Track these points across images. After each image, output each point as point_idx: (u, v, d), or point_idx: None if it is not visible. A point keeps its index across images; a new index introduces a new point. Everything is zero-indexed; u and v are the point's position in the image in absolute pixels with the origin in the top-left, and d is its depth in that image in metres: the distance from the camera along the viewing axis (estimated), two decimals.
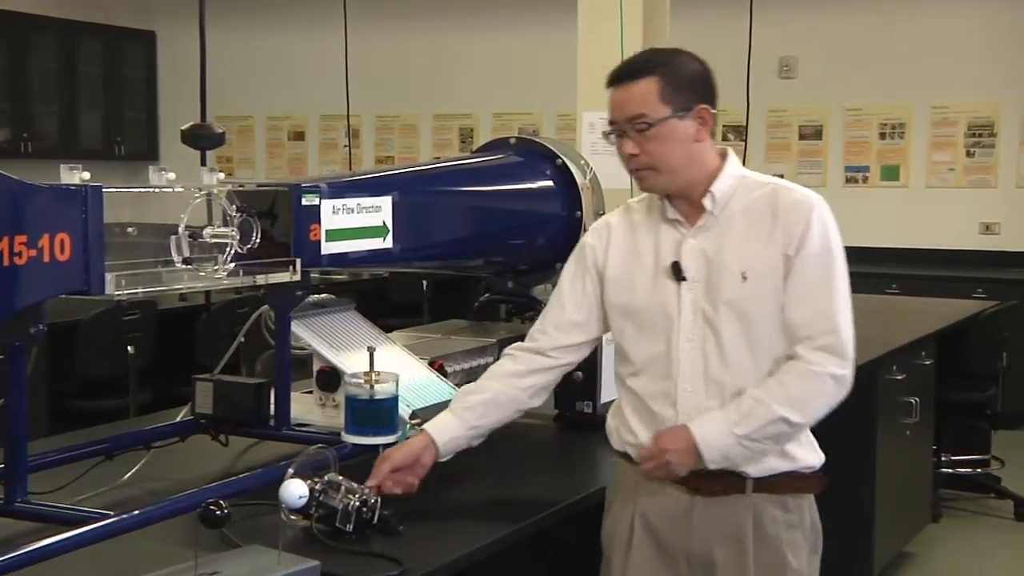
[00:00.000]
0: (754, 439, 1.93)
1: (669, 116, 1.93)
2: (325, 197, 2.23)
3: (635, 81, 1.94)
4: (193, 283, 1.99)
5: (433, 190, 2.70)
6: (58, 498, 1.96)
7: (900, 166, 7.57)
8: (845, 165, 7.71)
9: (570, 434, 2.70)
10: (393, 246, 2.40)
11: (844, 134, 7.70)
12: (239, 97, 8.91)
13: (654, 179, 1.98)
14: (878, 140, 7.62)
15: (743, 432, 1.92)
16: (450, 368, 2.59)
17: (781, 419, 1.92)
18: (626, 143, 1.96)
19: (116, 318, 5.18)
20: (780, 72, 7.76)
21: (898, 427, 4.15)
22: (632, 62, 1.99)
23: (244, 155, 9.51)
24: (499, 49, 8.43)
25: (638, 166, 1.98)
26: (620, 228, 2.09)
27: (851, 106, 7.65)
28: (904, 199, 7.54)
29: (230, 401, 2.32)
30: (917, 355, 4.32)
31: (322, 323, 2.39)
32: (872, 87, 7.54)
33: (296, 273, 2.17)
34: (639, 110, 1.93)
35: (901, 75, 7.46)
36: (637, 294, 2.03)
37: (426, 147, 8.98)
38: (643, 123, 1.93)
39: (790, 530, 2.02)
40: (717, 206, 1.99)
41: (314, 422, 2.34)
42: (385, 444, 2.06)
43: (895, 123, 7.56)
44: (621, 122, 1.96)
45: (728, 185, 2.01)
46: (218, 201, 2.03)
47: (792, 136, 7.84)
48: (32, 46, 8.65)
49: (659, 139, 1.94)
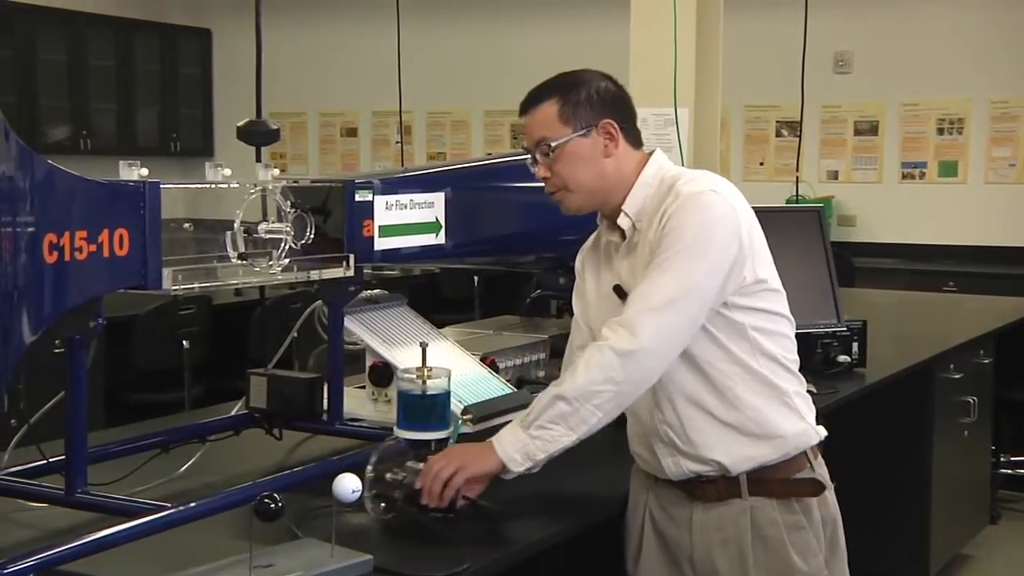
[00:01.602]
0: (541, 426, 1.89)
1: (571, 136, 1.96)
2: (378, 193, 2.25)
3: (536, 107, 1.99)
4: (248, 278, 2.01)
5: (485, 186, 2.70)
6: (116, 489, 1.98)
7: (958, 162, 7.45)
8: (902, 161, 7.60)
9: (614, 429, 2.68)
10: (445, 242, 2.41)
11: (900, 129, 7.60)
12: (293, 93, 8.98)
13: (569, 199, 2.01)
14: (935, 135, 7.50)
15: (528, 422, 1.91)
16: (501, 364, 2.60)
17: (554, 396, 1.89)
18: (539, 168, 2.01)
19: (172, 312, 5.25)
20: (835, 67, 7.66)
21: (956, 427, 4.08)
22: (534, 90, 2.02)
23: (298, 151, 9.59)
24: (551, 45, 8.41)
25: (552, 189, 2.02)
26: (589, 249, 2.13)
27: (908, 101, 7.54)
28: (962, 195, 7.42)
29: (283, 395, 2.34)
30: (975, 354, 4.25)
31: (374, 318, 2.40)
32: (929, 81, 7.43)
33: (349, 268, 2.18)
34: (541, 134, 1.98)
35: (959, 69, 7.34)
36: (593, 316, 2.06)
37: (478, 143, 8.99)
38: (546, 146, 1.98)
39: (797, 532, 1.98)
40: (634, 222, 1.98)
41: (367, 417, 2.35)
42: (437, 439, 2.07)
43: (953, 118, 7.43)
44: (531, 148, 2.01)
45: (640, 197, 1.98)
46: (272, 197, 2.05)
47: (847, 132, 7.74)
48: (90, 44, 8.78)
49: (564, 159, 1.97)
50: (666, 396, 1.97)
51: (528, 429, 1.91)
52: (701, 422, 1.97)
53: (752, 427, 1.96)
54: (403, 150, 8.43)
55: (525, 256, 2.93)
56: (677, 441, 1.99)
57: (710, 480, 1.98)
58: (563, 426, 1.89)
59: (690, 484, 2.00)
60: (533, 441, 1.90)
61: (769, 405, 1.97)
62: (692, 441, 1.97)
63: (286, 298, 5.00)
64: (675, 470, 2.01)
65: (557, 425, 1.89)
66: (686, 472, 2.00)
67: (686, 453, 1.99)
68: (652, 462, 2.05)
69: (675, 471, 2.01)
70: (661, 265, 1.88)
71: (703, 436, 1.97)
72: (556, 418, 1.89)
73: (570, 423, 1.89)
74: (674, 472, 2.01)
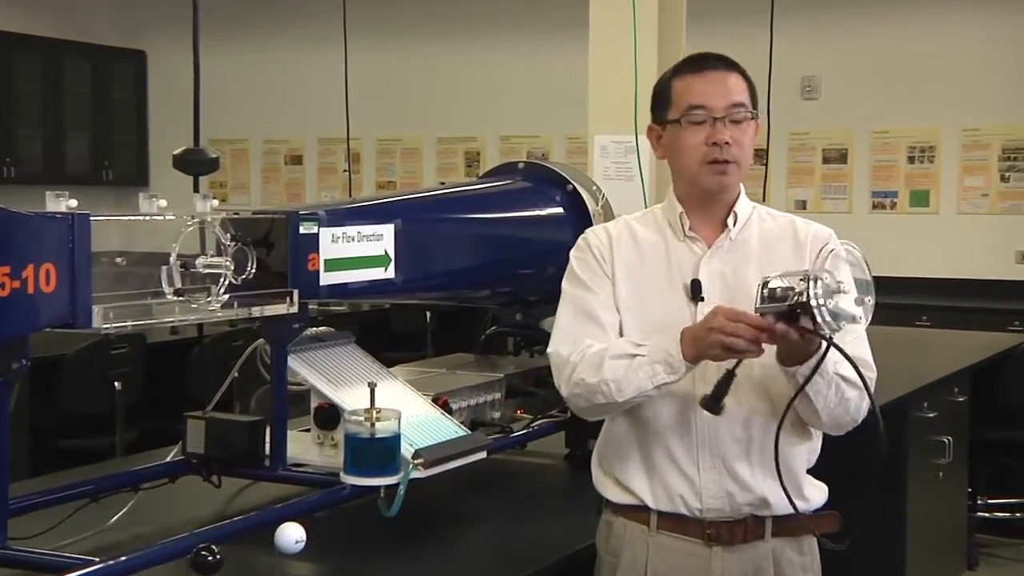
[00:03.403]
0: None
1: (756, 115, 2.08)
2: (324, 225, 2.24)
3: (736, 72, 2.07)
4: (185, 316, 1.99)
5: (437, 217, 2.71)
6: (41, 543, 1.95)
7: (930, 191, 7.58)
8: (872, 190, 7.72)
9: (579, 474, 2.69)
10: (395, 276, 2.40)
11: (871, 158, 7.72)
12: (234, 120, 8.96)
13: (734, 175, 2.05)
14: (906, 164, 7.63)
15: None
16: (455, 405, 2.59)
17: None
18: (725, 131, 2.02)
19: (103, 352, 5.19)
20: (803, 93, 7.79)
21: (930, 468, 4.13)
22: (725, 56, 2.10)
23: (239, 180, 9.56)
24: (506, 69, 8.48)
25: (730, 157, 2.03)
26: (623, 238, 2.09)
27: (878, 128, 7.66)
28: (934, 226, 7.54)
29: (223, 440, 2.32)
30: (949, 391, 4.31)
31: (320, 357, 2.39)
32: (900, 108, 7.56)
33: (293, 305, 2.17)
34: (742, 98, 2.05)
35: (930, 96, 7.48)
36: (647, 309, 2.02)
37: (430, 172, 9.01)
38: (748, 111, 2.05)
39: (804, 573, 2.04)
40: (736, 228, 2.04)
41: (312, 462, 2.34)
42: (386, 485, 2.06)
43: (924, 146, 7.57)
44: (722, 107, 2.03)
45: (747, 210, 2.07)
46: (211, 229, 2.04)
47: (815, 160, 7.86)
48: (16, 66, 8.72)
49: (747, 133, 2.05)
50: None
51: None
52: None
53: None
54: (351, 179, 8.43)
55: (480, 291, 2.93)
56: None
57: (735, 522, 1.99)
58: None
59: (710, 528, 1.99)
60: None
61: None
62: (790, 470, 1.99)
63: (226, 336, 4.96)
64: (720, 503, 1.99)
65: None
66: (741, 508, 1.99)
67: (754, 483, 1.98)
68: (684, 491, 2.00)
69: (722, 504, 1.99)
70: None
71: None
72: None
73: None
74: (719, 507, 1.99)
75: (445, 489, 2.39)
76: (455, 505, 2.08)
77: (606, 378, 1.93)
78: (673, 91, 2.06)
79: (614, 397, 1.93)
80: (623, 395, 1.92)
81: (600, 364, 1.95)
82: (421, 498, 2.17)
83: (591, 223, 2.87)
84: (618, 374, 1.93)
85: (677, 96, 2.05)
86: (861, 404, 1.96)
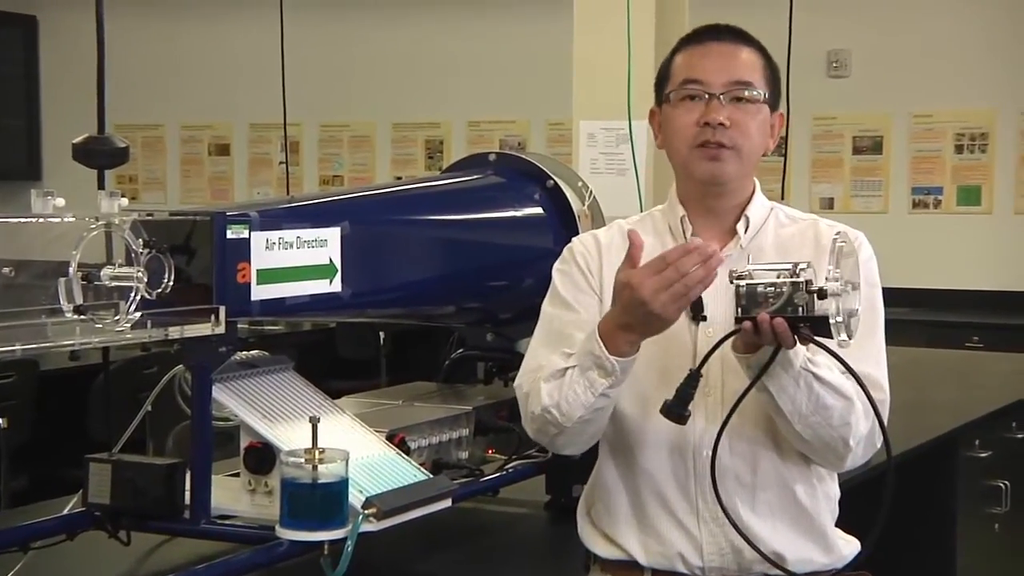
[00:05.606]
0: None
1: (766, 98, 2.12)
2: (256, 228, 2.25)
3: (746, 45, 2.11)
4: (87, 338, 1.99)
5: (393, 219, 2.72)
6: None
7: (982, 187, 7.64)
8: (912, 186, 7.78)
9: (562, 525, 2.70)
10: (342, 289, 2.41)
11: (910, 147, 7.78)
12: (146, 101, 8.96)
13: (732, 163, 2.09)
14: (953, 154, 7.69)
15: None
16: (413, 443, 2.60)
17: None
18: (721, 110, 2.07)
19: None
20: (829, 69, 7.84)
21: (984, 518, 4.15)
22: (737, 28, 2.15)
23: (153, 175, 9.55)
24: (475, 42, 8.51)
25: (727, 141, 2.06)
26: (614, 246, 2.11)
27: (919, 111, 7.72)
28: (987, 228, 7.60)
29: (133, 487, 2.31)
30: (1006, 427, 4.33)
31: (252, 387, 2.39)
32: (945, 88, 7.62)
33: (219, 324, 2.17)
34: (747, 76, 2.08)
35: (982, 73, 7.54)
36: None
37: (383, 164, 9.03)
38: (751, 90, 2.08)
39: None
40: (747, 236, 2.06)
41: (241, 513, 2.34)
42: (331, 540, 2.06)
43: (975, 133, 7.63)
44: (722, 83, 2.07)
45: (760, 214, 2.09)
46: (119, 234, 2.04)
47: (844, 150, 7.91)
48: None
49: (752, 117, 2.08)
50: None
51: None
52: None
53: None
54: (289, 173, 8.40)
55: (443, 307, 2.94)
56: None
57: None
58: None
59: None
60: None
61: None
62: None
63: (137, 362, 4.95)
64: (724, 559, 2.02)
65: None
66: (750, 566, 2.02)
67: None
68: (681, 546, 2.03)
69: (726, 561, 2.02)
70: (876, 325, 2.05)
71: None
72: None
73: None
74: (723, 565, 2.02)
75: (403, 544, 2.40)
76: (414, 563, 2.09)
77: (546, 405, 1.97)
78: (673, 66, 2.09)
79: (563, 424, 1.96)
80: (571, 418, 1.96)
81: (539, 390, 1.98)
82: (373, 556, 2.17)
83: (576, 226, 2.89)
84: (555, 396, 1.96)
85: (675, 70, 2.08)
86: (851, 419, 1.95)
